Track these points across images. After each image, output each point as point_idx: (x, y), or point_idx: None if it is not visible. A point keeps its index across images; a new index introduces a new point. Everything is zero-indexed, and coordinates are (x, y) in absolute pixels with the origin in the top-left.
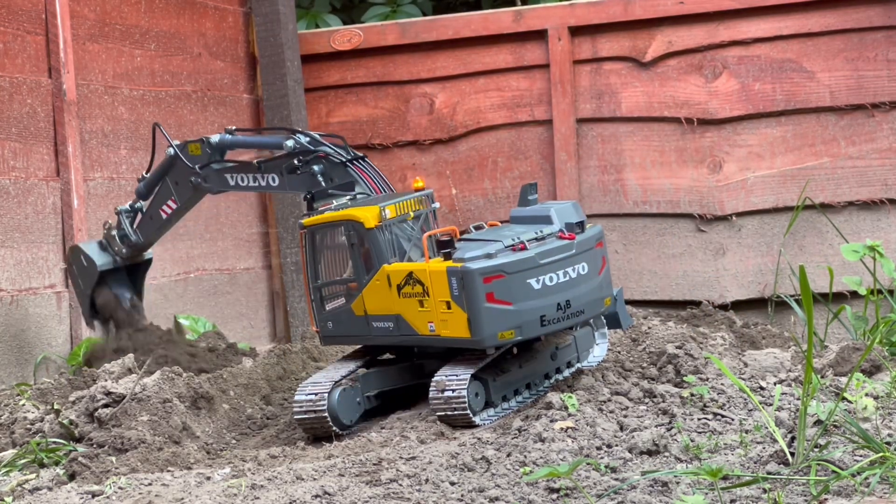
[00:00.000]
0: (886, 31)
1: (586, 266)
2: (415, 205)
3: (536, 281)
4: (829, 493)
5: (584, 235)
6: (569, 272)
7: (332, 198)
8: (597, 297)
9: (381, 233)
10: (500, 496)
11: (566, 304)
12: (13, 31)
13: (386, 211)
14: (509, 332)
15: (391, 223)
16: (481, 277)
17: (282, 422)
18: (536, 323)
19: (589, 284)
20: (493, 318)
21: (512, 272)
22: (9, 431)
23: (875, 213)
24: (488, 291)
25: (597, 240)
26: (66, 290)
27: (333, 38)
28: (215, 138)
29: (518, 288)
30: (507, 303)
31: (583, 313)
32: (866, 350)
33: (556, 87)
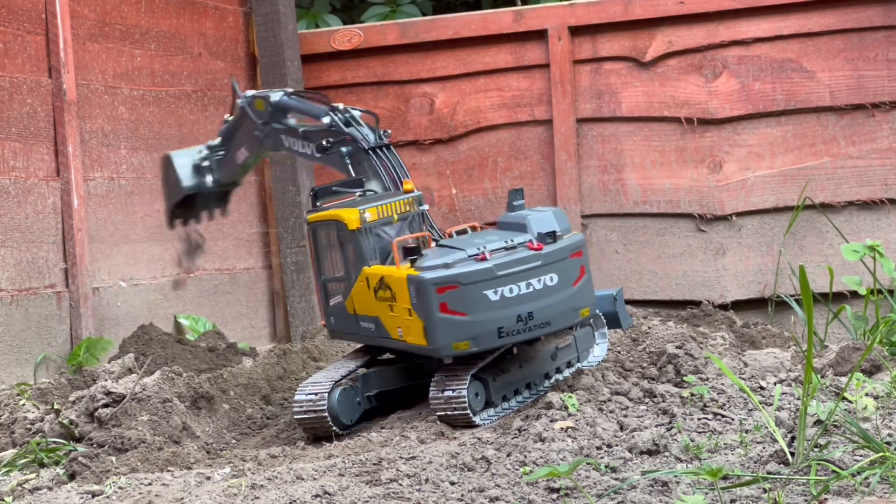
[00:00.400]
0: (886, 31)
1: (555, 277)
2: (400, 207)
3: (494, 292)
4: (829, 493)
5: (555, 246)
6: (533, 283)
7: (336, 195)
8: (568, 309)
9: (362, 235)
10: (500, 496)
11: (528, 316)
12: (13, 31)
13: (366, 214)
14: (464, 343)
15: (372, 226)
16: (435, 287)
17: (282, 422)
18: (493, 334)
19: (557, 296)
20: (447, 328)
21: (467, 283)
22: (9, 431)
23: (875, 213)
24: (442, 302)
25: (572, 250)
26: (66, 290)
27: (333, 38)
28: (275, 97)
29: (473, 299)
30: (461, 314)
31: (549, 325)
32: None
33: (556, 86)
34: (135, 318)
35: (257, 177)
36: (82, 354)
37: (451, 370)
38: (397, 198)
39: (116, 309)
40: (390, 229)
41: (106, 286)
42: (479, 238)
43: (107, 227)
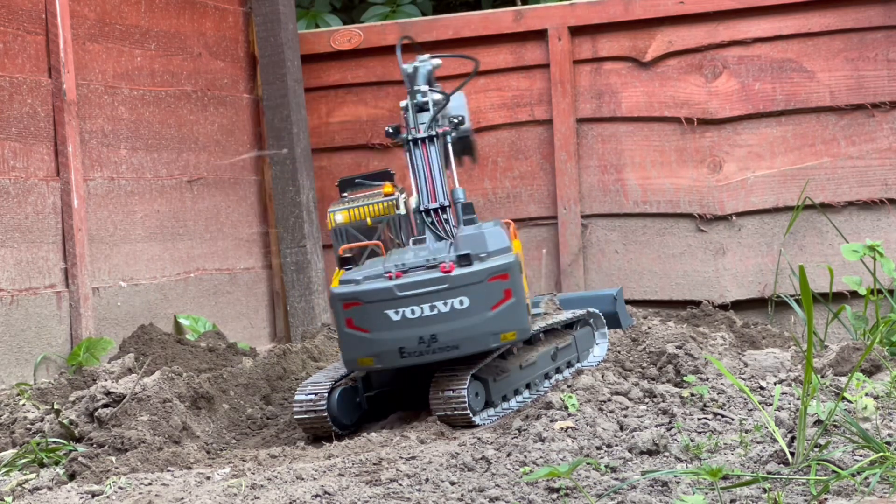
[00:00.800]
0: (886, 31)
1: (466, 300)
2: (374, 211)
3: (395, 312)
4: (829, 492)
5: (468, 269)
6: (438, 306)
7: (358, 187)
8: (483, 333)
9: (335, 236)
10: (500, 496)
11: (431, 339)
12: (13, 31)
13: (337, 216)
14: (368, 360)
15: (344, 228)
16: (341, 303)
17: (282, 422)
18: (395, 354)
19: (469, 320)
20: (353, 343)
21: (368, 301)
22: (9, 431)
23: (875, 213)
24: (347, 317)
25: (492, 273)
26: (66, 290)
27: (333, 38)
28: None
29: (375, 317)
30: (364, 330)
31: (457, 349)
32: (866, 350)
33: (556, 86)
34: (135, 318)
35: (257, 177)
36: (82, 354)
37: (451, 370)
38: (373, 201)
39: (116, 309)
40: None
41: (106, 286)
42: (410, 253)
43: (107, 227)
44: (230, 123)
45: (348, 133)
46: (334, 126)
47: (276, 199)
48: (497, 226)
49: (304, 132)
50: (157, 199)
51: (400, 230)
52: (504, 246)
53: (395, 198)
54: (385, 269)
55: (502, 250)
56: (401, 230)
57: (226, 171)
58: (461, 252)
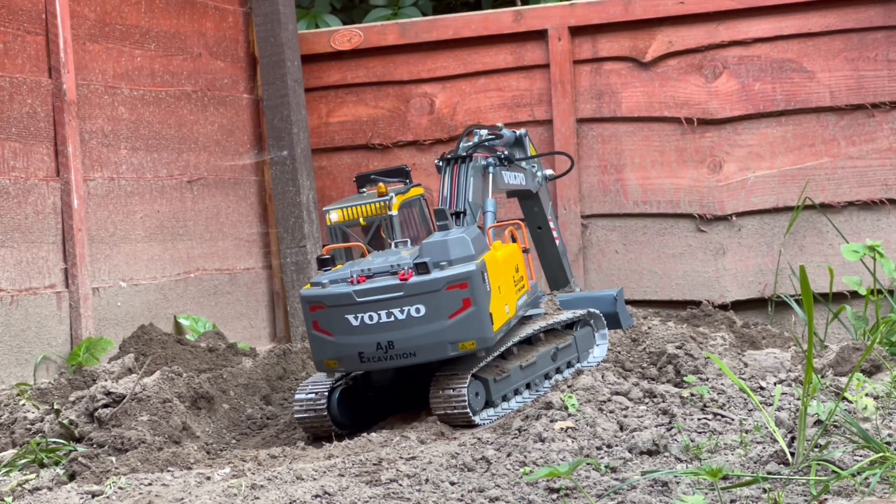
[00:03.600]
0: (886, 31)
1: (422, 308)
2: (367, 211)
3: (355, 318)
4: (829, 493)
5: (425, 277)
6: (394, 313)
7: (375, 182)
8: (439, 341)
9: (331, 234)
10: (500, 496)
11: (388, 345)
12: (13, 31)
13: (332, 214)
14: (332, 362)
15: (339, 226)
16: (308, 305)
17: (282, 422)
18: (355, 358)
19: (425, 328)
20: (319, 345)
21: (330, 305)
22: (9, 431)
23: (875, 213)
24: (313, 319)
25: (450, 282)
26: (66, 290)
27: (333, 38)
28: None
29: (336, 321)
30: (328, 333)
31: (413, 356)
32: (866, 350)
33: (556, 87)
34: (135, 318)
35: (257, 177)
36: (82, 354)
37: (451, 370)
38: (366, 201)
39: (116, 309)
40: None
41: (106, 286)
42: (380, 258)
43: (107, 227)
44: (230, 123)
45: (348, 133)
46: (334, 126)
47: (276, 200)
48: (465, 233)
49: (304, 132)
50: (158, 200)
51: (392, 230)
52: (467, 254)
53: (388, 198)
54: (350, 274)
55: (465, 258)
56: (392, 231)
57: (226, 172)
58: (421, 260)
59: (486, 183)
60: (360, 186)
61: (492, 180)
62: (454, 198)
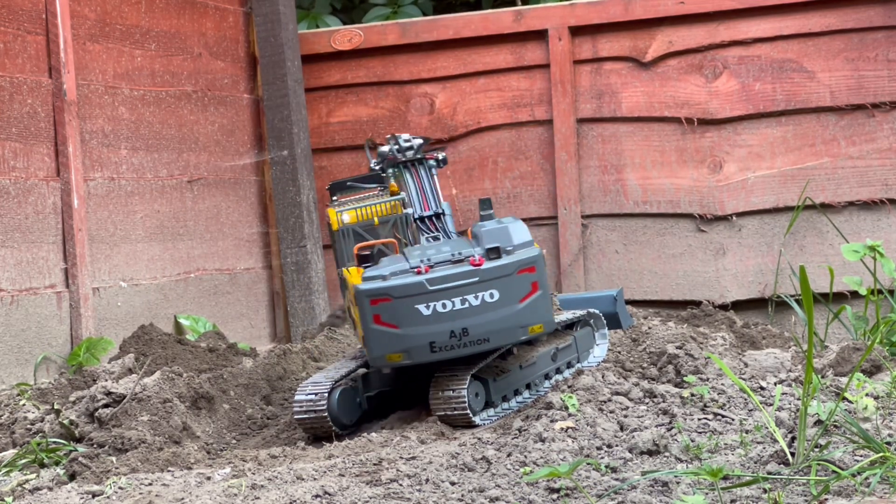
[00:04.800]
0: (886, 31)
1: (496, 293)
2: (381, 210)
3: (426, 307)
4: (830, 493)
5: (498, 262)
6: (469, 299)
7: (350, 190)
8: (512, 326)
9: (340, 236)
10: (500, 496)
11: (462, 332)
12: (13, 31)
13: (344, 216)
14: (397, 356)
15: (351, 228)
16: (369, 299)
17: (282, 422)
18: (426, 349)
19: (499, 313)
20: (380, 339)
21: (398, 297)
22: (9, 431)
23: (875, 213)
24: (375, 313)
25: (520, 266)
26: (66, 290)
27: (334, 38)
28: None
29: (405, 312)
30: (393, 326)
31: (487, 342)
32: (867, 350)
33: (556, 87)
34: (135, 319)
35: (257, 177)
36: (82, 354)
37: (451, 370)
38: (379, 200)
39: (116, 309)
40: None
41: (106, 286)
42: (432, 249)
43: (107, 227)
44: (230, 123)
45: (348, 133)
46: (334, 126)
47: (276, 200)
48: (517, 220)
49: (305, 132)
50: (158, 200)
51: (406, 229)
52: (527, 239)
53: (402, 197)
54: (411, 265)
55: (526, 244)
56: (407, 229)
57: (226, 172)
58: (490, 245)
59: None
60: (333, 194)
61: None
62: (425, 200)
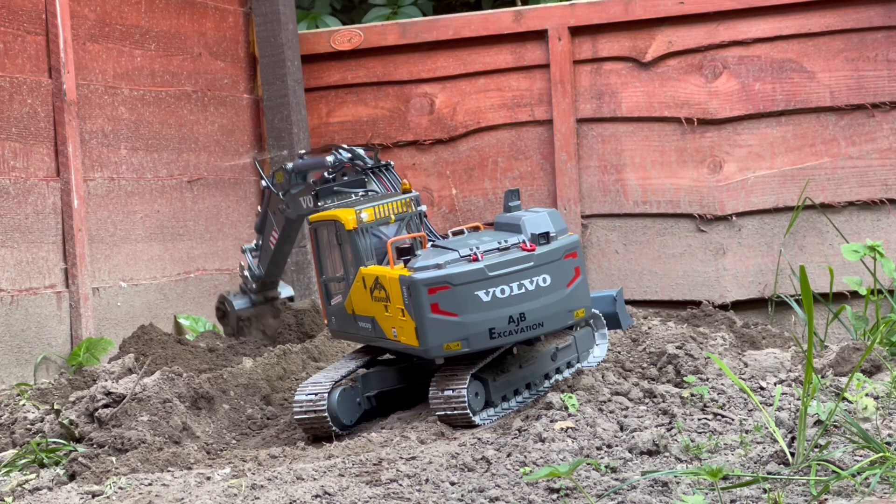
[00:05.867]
0: (886, 31)
1: (548, 278)
2: (397, 208)
3: (486, 293)
4: (830, 493)
5: (548, 247)
6: (525, 284)
7: (336, 195)
8: (561, 310)
9: (359, 235)
10: (500, 496)
11: (520, 317)
12: (13, 31)
13: (363, 214)
14: (455, 344)
15: (369, 226)
16: (426, 288)
17: (282, 422)
18: (485, 335)
19: (551, 297)
20: (439, 328)
21: (458, 283)
22: (9, 431)
23: (875, 213)
24: (433, 302)
25: (566, 251)
26: (66, 291)
27: (333, 39)
28: (290, 165)
29: (465, 299)
30: (452, 314)
31: (541, 326)
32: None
33: (556, 87)
34: (135, 319)
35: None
36: (82, 354)
37: (451, 370)
38: (394, 198)
39: (116, 309)
40: (388, 230)
41: (106, 286)
42: (473, 239)
43: (107, 227)
44: (230, 124)
45: (348, 133)
46: (334, 126)
47: None
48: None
49: (305, 132)
50: (158, 200)
51: (421, 226)
52: (564, 226)
53: (415, 195)
54: (463, 254)
55: (564, 230)
56: (422, 226)
57: (226, 172)
58: (537, 231)
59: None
60: (319, 199)
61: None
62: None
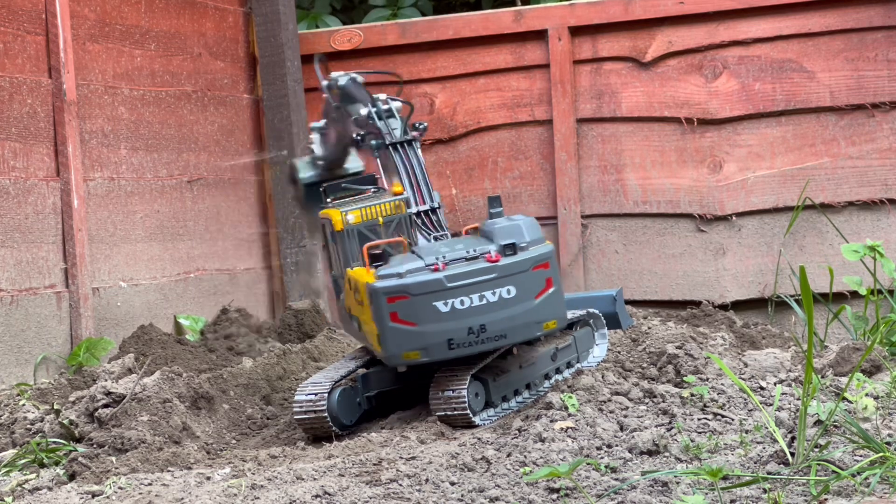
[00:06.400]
0: (886, 31)
1: (513, 289)
2: (386, 210)
3: (444, 304)
4: (829, 493)
5: (514, 258)
6: (486, 296)
7: (345, 191)
8: (528, 322)
9: (346, 237)
10: (500, 496)
11: (480, 329)
12: (13, 31)
13: (349, 216)
14: (414, 353)
15: (356, 228)
16: (385, 297)
17: (282, 422)
18: (444, 346)
19: (516, 309)
20: (398, 337)
21: (416, 294)
22: (9, 431)
23: (875, 213)
24: (392, 311)
25: (535, 262)
26: (66, 291)
27: (333, 39)
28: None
29: (423, 310)
30: (411, 323)
31: (504, 338)
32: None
33: (556, 87)
34: (135, 319)
35: (257, 177)
36: (82, 355)
37: (451, 370)
38: (383, 200)
39: (116, 309)
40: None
41: (106, 286)
42: (446, 246)
43: (107, 227)
44: (230, 124)
45: None
46: None
47: (276, 200)
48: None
49: (304, 132)
50: (157, 200)
51: (410, 229)
52: (539, 236)
53: (406, 197)
54: (427, 263)
55: (538, 240)
56: (411, 228)
57: (226, 172)
58: (504, 241)
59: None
60: (327, 196)
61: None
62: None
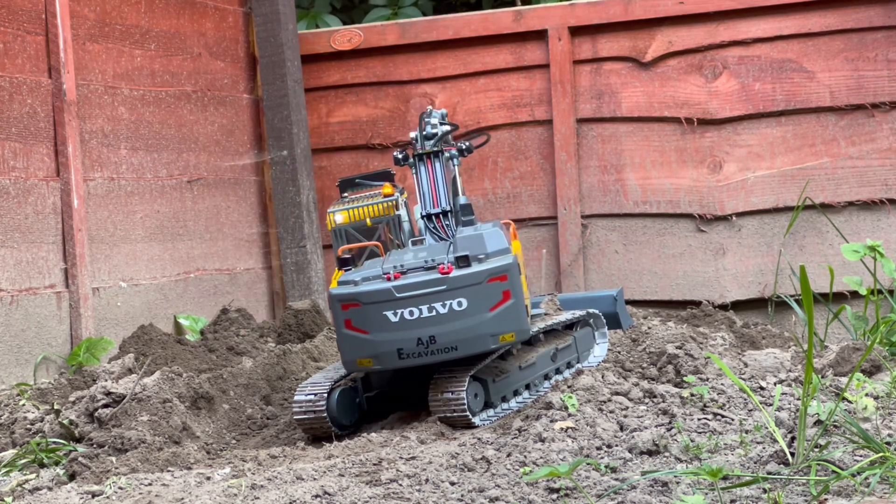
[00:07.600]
0: (886, 31)
1: (464, 302)
2: (374, 211)
3: (394, 314)
4: (829, 493)
5: (466, 270)
6: (436, 307)
7: (359, 187)
8: (481, 334)
9: (334, 236)
10: (500, 496)
11: (429, 340)
12: (13, 31)
13: (337, 216)
14: (367, 361)
15: (344, 228)
16: (340, 304)
17: (282, 422)
18: (394, 355)
19: (468, 321)
20: (351, 344)
21: (367, 302)
22: (9, 431)
23: (875, 213)
24: (346, 318)
25: (490, 275)
26: (66, 291)
27: (333, 38)
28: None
29: (373, 318)
30: (363, 331)
31: (455, 350)
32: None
33: (556, 87)
34: (135, 319)
35: (257, 177)
36: (82, 355)
37: (450, 371)
38: (372, 202)
39: (116, 309)
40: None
41: (106, 286)
42: (409, 255)
43: (107, 227)
44: (230, 123)
45: (348, 133)
46: (334, 126)
47: (276, 200)
48: (496, 227)
49: (304, 132)
50: (157, 200)
51: (399, 231)
52: (502, 247)
53: (395, 198)
54: (383, 271)
55: (501, 251)
56: (400, 231)
57: (226, 172)
58: (459, 253)
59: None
60: (343, 191)
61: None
62: (435, 196)
